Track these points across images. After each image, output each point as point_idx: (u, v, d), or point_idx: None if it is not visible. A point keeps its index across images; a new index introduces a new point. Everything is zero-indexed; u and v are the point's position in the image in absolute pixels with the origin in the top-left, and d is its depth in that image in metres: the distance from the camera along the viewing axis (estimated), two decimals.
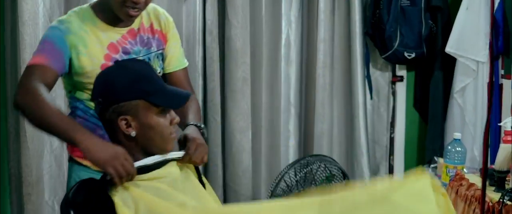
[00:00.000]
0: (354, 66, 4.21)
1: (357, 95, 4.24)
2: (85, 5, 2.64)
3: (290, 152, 4.26)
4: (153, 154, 2.22)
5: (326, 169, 3.73)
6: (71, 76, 2.58)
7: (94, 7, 2.62)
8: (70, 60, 2.53)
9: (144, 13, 2.68)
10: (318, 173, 3.72)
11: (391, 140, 4.52)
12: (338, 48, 4.25)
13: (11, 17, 3.87)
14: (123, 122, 2.16)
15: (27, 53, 3.61)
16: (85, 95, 2.57)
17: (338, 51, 4.26)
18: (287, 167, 3.71)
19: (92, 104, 2.48)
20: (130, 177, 2.13)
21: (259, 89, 4.20)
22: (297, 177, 3.69)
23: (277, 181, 3.69)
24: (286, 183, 3.67)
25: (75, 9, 2.64)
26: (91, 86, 2.40)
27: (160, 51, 2.72)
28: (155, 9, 2.77)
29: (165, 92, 2.20)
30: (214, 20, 4.04)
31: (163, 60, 2.74)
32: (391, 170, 4.52)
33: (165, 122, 2.19)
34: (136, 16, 2.59)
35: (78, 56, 2.52)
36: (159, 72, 2.71)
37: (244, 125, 4.13)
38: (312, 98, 4.25)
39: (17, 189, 3.95)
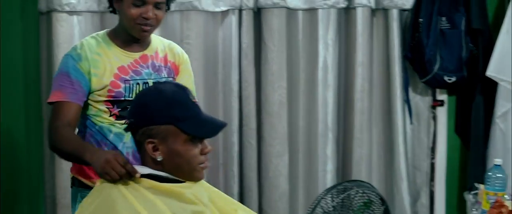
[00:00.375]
0: (393, 91, 4.16)
1: (396, 120, 4.19)
2: (102, 31, 2.77)
3: (328, 177, 4.21)
4: (181, 181, 2.20)
5: (364, 195, 3.67)
6: None
7: (109, 33, 2.75)
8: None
9: (159, 44, 2.81)
10: (356, 199, 3.66)
11: (432, 166, 4.42)
12: (376, 72, 4.21)
13: (47, 39, 3.93)
14: (151, 145, 2.16)
15: None
16: (92, 111, 2.69)
17: (377, 75, 4.21)
18: (323, 192, 3.66)
19: (98, 120, 2.68)
20: (126, 176, 2.15)
21: (296, 113, 4.17)
22: (334, 202, 3.63)
23: (313, 206, 3.64)
24: (322, 209, 3.62)
25: (92, 34, 2.76)
26: (99, 104, 2.65)
27: (171, 79, 2.80)
28: (171, 44, 2.89)
29: (197, 120, 2.18)
30: (249, 43, 4.04)
31: None
32: (431, 196, 4.43)
33: (194, 151, 2.17)
34: (149, 32, 2.69)
35: (90, 78, 2.63)
36: None
37: (281, 149, 4.11)
38: (351, 123, 4.20)
39: (51, 210, 4.02)
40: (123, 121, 2.57)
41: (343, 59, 4.23)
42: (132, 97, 2.67)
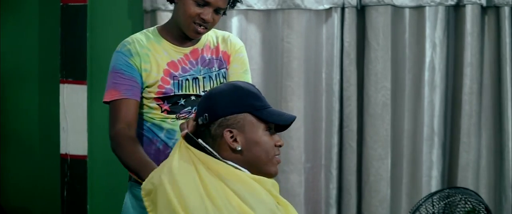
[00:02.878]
0: (504, 93, 4.07)
1: (507, 124, 4.09)
2: (152, 27, 2.78)
3: (432, 183, 4.16)
4: (258, 174, 2.22)
5: (468, 203, 3.63)
6: None
7: (160, 29, 2.75)
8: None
9: (212, 36, 2.79)
10: (459, 206, 3.62)
11: None
12: (486, 73, 4.12)
13: None
14: (229, 134, 2.19)
15: None
16: (144, 109, 2.69)
17: (487, 77, 4.13)
18: (424, 197, 3.64)
19: (149, 117, 2.68)
20: None
21: (400, 115, 4.14)
22: (435, 209, 3.61)
23: (412, 211, 3.63)
24: None
25: (143, 30, 2.78)
26: (149, 101, 2.65)
27: (223, 70, 2.78)
28: (225, 34, 2.85)
29: (272, 111, 2.24)
30: (352, 42, 4.06)
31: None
32: None
33: (270, 141, 2.22)
34: (202, 34, 2.68)
35: (141, 74, 2.65)
36: None
37: (383, 152, 4.09)
38: (458, 126, 4.13)
39: None
40: (174, 116, 2.66)
41: (451, 59, 4.17)
42: (181, 92, 2.69)
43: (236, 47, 2.82)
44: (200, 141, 2.22)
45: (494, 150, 4.20)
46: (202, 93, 2.69)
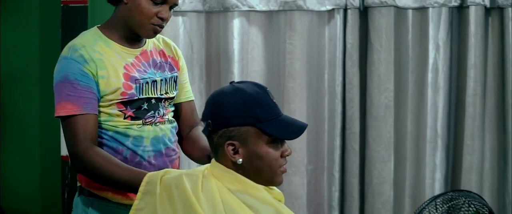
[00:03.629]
0: (508, 95, 4.07)
1: (510, 127, 4.10)
2: (92, 28, 2.61)
3: (435, 185, 4.16)
4: (261, 184, 2.17)
5: (471, 206, 3.64)
6: None
7: (102, 28, 2.59)
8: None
9: (153, 39, 2.66)
10: (462, 209, 3.63)
11: None
12: (490, 75, 4.12)
13: None
14: (230, 147, 2.12)
15: None
16: (102, 117, 2.52)
17: (491, 78, 4.13)
18: (427, 200, 3.63)
19: (111, 125, 2.51)
20: None
21: (403, 117, 4.15)
22: (438, 212, 3.63)
23: None
24: None
25: (84, 32, 2.61)
26: (110, 108, 2.50)
27: (175, 74, 2.68)
28: (164, 38, 2.75)
29: (279, 121, 2.15)
30: (354, 44, 4.06)
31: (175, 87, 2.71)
32: None
33: (275, 153, 2.14)
34: (157, 34, 2.56)
35: (98, 81, 2.48)
36: (173, 97, 2.68)
37: (386, 154, 4.10)
38: (461, 129, 4.14)
39: None
40: (140, 122, 2.53)
41: (454, 61, 4.18)
42: (143, 95, 2.56)
43: (179, 53, 2.75)
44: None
45: (497, 152, 4.20)
46: (161, 96, 2.61)
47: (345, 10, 4.07)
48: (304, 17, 4.07)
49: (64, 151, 4.14)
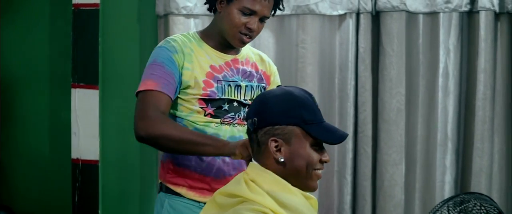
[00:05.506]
0: None
1: None
2: (191, 31, 2.85)
3: (446, 188, 4.25)
4: (296, 186, 2.25)
5: (483, 208, 3.72)
6: None
7: (200, 34, 2.81)
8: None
9: (249, 52, 2.86)
10: (474, 212, 3.71)
11: None
12: (500, 79, 4.21)
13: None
14: (274, 144, 2.20)
15: None
16: (185, 112, 2.71)
17: (500, 82, 4.21)
18: (439, 203, 3.72)
19: (191, 121, 2.69)
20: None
21: (414, 121, 4.25)
22: None
23: None
24: None
25: (183, 33, 2.83)
26: (192, 104, 2.67)
27: (263, 85, 2.84)
28: (260, 53, 2.93)
29: (323, 126, 2.23)
30: (367, 48, 4.16)
31: None
32: None
33: (316, 157, 2.22)
34: (247, 43, 2.75)
35: (182, 72, 2.68)
36: None
37: (397, 157, 4.20)
38: (471, 132, 4.23)
39: None
40: (218, 120, 2.70)
41: (464, 65, 4.27)
42: (225, 96, 2.72)
43: (273, 69, 2.93)
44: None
45: (506, 155, 4.28)
46: (244, 101, 2.76)
47: (358, 14, 4.16)
48: (316, 21, 4.17)
49: (74, 154, 4.23)
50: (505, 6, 4.15)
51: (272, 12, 2.76)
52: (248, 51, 2.87)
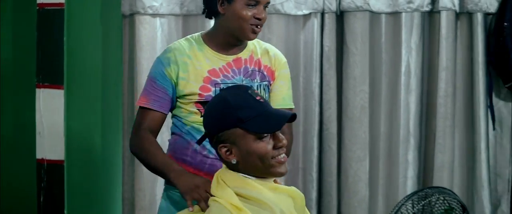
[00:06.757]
0: (477, 96, 4.31)
1: (479, 126, 4.33)
2: (197, 33, 2.91)
3: (408, 183, 4.37)
4: (261, 176, 2.36)
5: (445, 202, 3.81)
6: None
7: (204, 35, 2.89)
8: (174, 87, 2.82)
9: (256, 47, 2.92)
10: (437, 205, 3.80)
11: None
12: (460, 76, 4.35)
13: (130, 42, 4.20)
14: (224, 149, 2.35)
15: (144, 78, 3.91)
16: (183, 113, 2.85)
17: (460, 80, 4.36)
18: (404, 198, 3.79)
19: (189, 121, 2.83)
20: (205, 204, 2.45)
21: (377, 118, 4.36)
22: (415, 209, 3.77)
23: (393, 212, 3.81)
24: None
25: (187, 36, 2.91)
26: (190, 106, 2.80)
27: (265, 83, 2.91)
28: (268, 47, 2.99)
29: (261, 118, 2.34)
30: (331, 47, 4.26)
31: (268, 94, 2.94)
32: None
33: (264, 147, 2.32)
34: (258, 33, 2.81)
35: (177, 82, 2.81)
36: None
37: (361, 154, 4.31)
38: (433, 129, 4.35)
39: (129, 212, 4.28)
40: None
41: (426, 63, 4.39)
42: None
43: (281, 62, 2.97)
44: None
45: (466, 151, 4.43)
46: None
47: (322, 14, 4.25)
48: (282, 20, 4.25)
49: (39, 154, 4.23)
50: (465, 6, 4.30)
51: None
52: (254, 46, 2.93)
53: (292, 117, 2.40)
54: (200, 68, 2.82)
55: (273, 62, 2.96)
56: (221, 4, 2.80)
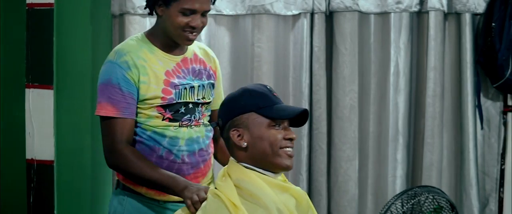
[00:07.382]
0: (465, 95, 4.35)
1: (467, 125, 4.37)
2: (140, 34, 2.88)
3: (397, 182, 4.42)
4: (267, 168, 2.44)
5: (434, 200, 3.82)
6: None
7: (148, 35, 2.86)
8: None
9: (195, 47, 2.93)
10: (426, 204, 3.82)
11: (501, 172, 4.58)
12: (448, 76, 4.40)
13: (119, 41, 4.13)
14: (235, 133, 2.44)
15: None
16: (142, 118, 2.78)
17: (449, 80, 4.41)
18: (394, 197, 3.81)
19: (149, 125, 2.77)
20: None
21: (366, 117, 4.40)
22: (404, 208, 3.80)
23: (383, 212, 3.85)
24: None
25: (132, 37, 2.87)
26: (150, 110, 2.76)
27: (212, 81, 2.93)
28: (205, 47, 3.03)
29: (277, 107, 2.45)
30: (321, 47, 4.29)
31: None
32: (500, 203, 4.60)
33: (277, 135, 2.41)
34: (193, 40, 2.81)
35: (139, 86, 2.75)
36: (209, 102, 2.93)
37: (351, 153, 4.34)
38: (421, 128, 4.40)
39: None
40: (177, 123, 2.79)
41: (415, 63, 4.44)
42: (181, 100, 2.80)
43: (217, 62, 3.01)
44: None
45: (454, 150, 4.47)
46: (197, 101, 2.85)
47: (312, 14, 4.29)
48: (272, 20, 4.28)
49: (29, 154, 4.24)
50: (453, 7, 4.34)
51: (212, 1, 2.81)
52: (193, 46, 2.93)
53: (305, 113, 2.49)
54: (157, 71, 2.79)
55: (213, 62, 3.00)
56: (159, 6, 2.78)
